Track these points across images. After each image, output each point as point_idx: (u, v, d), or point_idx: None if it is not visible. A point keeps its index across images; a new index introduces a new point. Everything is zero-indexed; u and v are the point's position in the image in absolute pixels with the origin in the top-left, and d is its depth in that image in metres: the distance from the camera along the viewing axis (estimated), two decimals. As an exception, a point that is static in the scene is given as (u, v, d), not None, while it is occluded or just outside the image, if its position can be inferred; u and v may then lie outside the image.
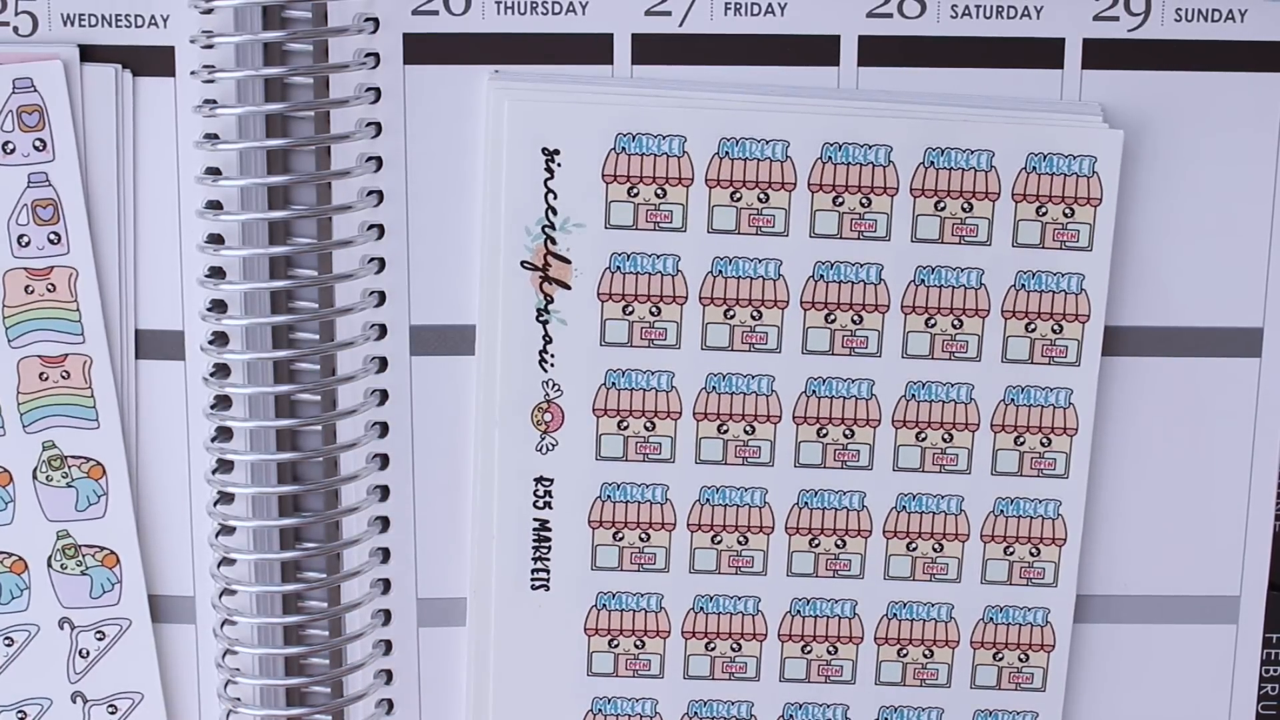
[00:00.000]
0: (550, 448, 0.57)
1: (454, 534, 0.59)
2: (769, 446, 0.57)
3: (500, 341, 0.57)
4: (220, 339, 0.57)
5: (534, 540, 0.58)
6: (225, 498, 0.58)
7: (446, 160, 0.56)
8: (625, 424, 0.57)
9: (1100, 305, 0.56)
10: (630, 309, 0.56)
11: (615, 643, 0.59)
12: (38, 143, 0.56)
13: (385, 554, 0.59)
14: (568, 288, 0.56)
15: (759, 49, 0.56)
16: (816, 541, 0.58)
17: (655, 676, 0.59)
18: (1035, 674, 0.59)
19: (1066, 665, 0.59)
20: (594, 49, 0.56)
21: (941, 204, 0.56)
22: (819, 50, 0.56)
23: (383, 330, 0.57)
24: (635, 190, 0.56)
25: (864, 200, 0.56)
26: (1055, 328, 0.56)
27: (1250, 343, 0.57)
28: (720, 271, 0.56)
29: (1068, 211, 0.56)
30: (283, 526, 0.57)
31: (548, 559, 0.58)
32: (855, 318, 0.57)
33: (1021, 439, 0.57)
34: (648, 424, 0.57)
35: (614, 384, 0.57)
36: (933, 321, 0.57)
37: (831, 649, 0.59)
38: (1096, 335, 0.57)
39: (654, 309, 0.56)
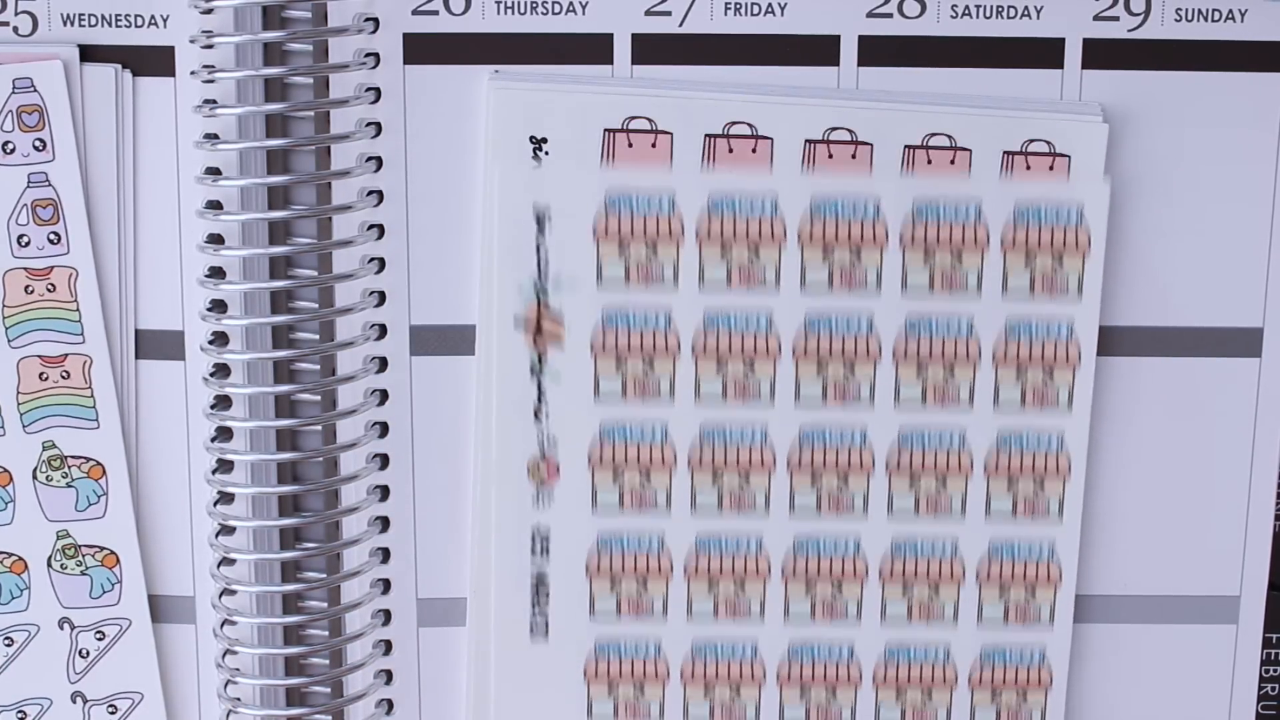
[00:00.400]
0: (547, 500, 0.58)
1: (454, 534, 0.59)
2: (763, 497, 0.58)
3: (495, 397, 0.57)
4: (220, 339, 0.57)
5: (532, 591, 0.58)
6: (225, 498, 0.58)
7: (446, 160, 0.56)
8: (621, 476, 0.58)
9: (1090, 352, 0.57)
10: (623, 364, 0.57)
11: (614, 690, 0.59)
12: (38, 143, 0.56)
13: (385, 554, 0.59)
14: (561, 344, 0.57)
15: (759, 49, 0.56)
16: (812, 591, 0.58)
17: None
18: (1034, 714, 0.59)
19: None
20: (594, 49, 0.56)
21: (931, 255, 0.56)
22: (819, 50, 0.56)
23: (383, 330, 0.57)
24: (626, 248, 0.56)
25: (853, 253, 0.56)
26: (1046, 375, 0.57)
27: (1250, 343, 0.57)
28: (712, 325, 0.56)
29: (1056, 263, 0.56)
30: (283, 526, 0.57)
31: (546, 609, 0.58)
32: (847, 368, 0.57)
33: (1014, 484, 0.58)
34: (643, 475, 0.58)
35: (609, 437, 0.57)
36: (924, 372, 0.57)
37: (829, 693, 0.59)
38: (1087, 382, 0.57)
39: (647, 363, 0.57)
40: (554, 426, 0.57)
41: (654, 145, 0.56)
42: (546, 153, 0.56)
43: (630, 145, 0.56)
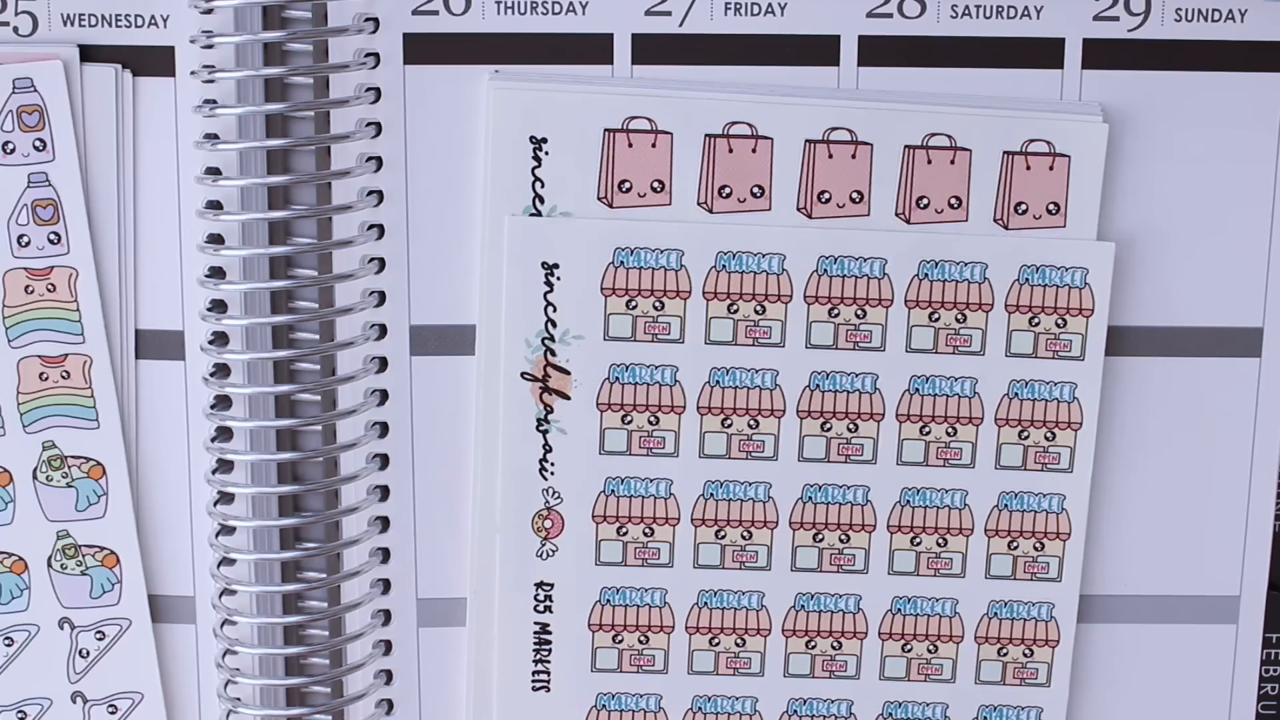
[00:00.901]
0: (550, 553, 0.58)
1: (454, 534, 0.59)
2: (766, 552, 0.58)
3: (500, 450, 0.57)
4: (220, 339, 0.57)
5: (535, 643, 0.58)
6: (225, 498, 0.58)
7: (446, 160, 0.56)
8: (625, 530, 0.58)
9: (1093, 412, 0.57)
10: (629, 418, 0.57)
11: None
12: (38, 143, 0.56)
13: (385, 554, 0.59)
14: (567, 398, 0.57)
15: (759, 49, 0.56)
16: (812, 643, 0.59)
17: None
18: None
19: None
20: (594, 49, 0.56)
21: (936, 315, 0.56)
22: (819, 50, 0.56)
23: (383, 330, 0.57)
24: (634, 303, 0.56)
25: (859, 312, 0.56)
26: (1060, 321, 0.57)
27: (1250, 343, 0.57)
28: (718, 382, 0.57)
29: (1060, 322, 0.56)
30: (283, 526, 0.57)
31: (548, 661, 0.59)
32: (851, 425, 0.57)
33: (1015, 544, 0.58)
34: (647, 530, 0.58)
35: (613, 491, 0.58)
36: (927, 429, 0.57)
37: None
38: (1089, 442, 0.57)
39: (652, 418, 0.57)
40: (559, 481, 0.58)
41: (654, 145, 0.56)
42: (546, 153, 0.56)
43: (630, 145, 0.56)
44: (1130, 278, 0.57)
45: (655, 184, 0.56)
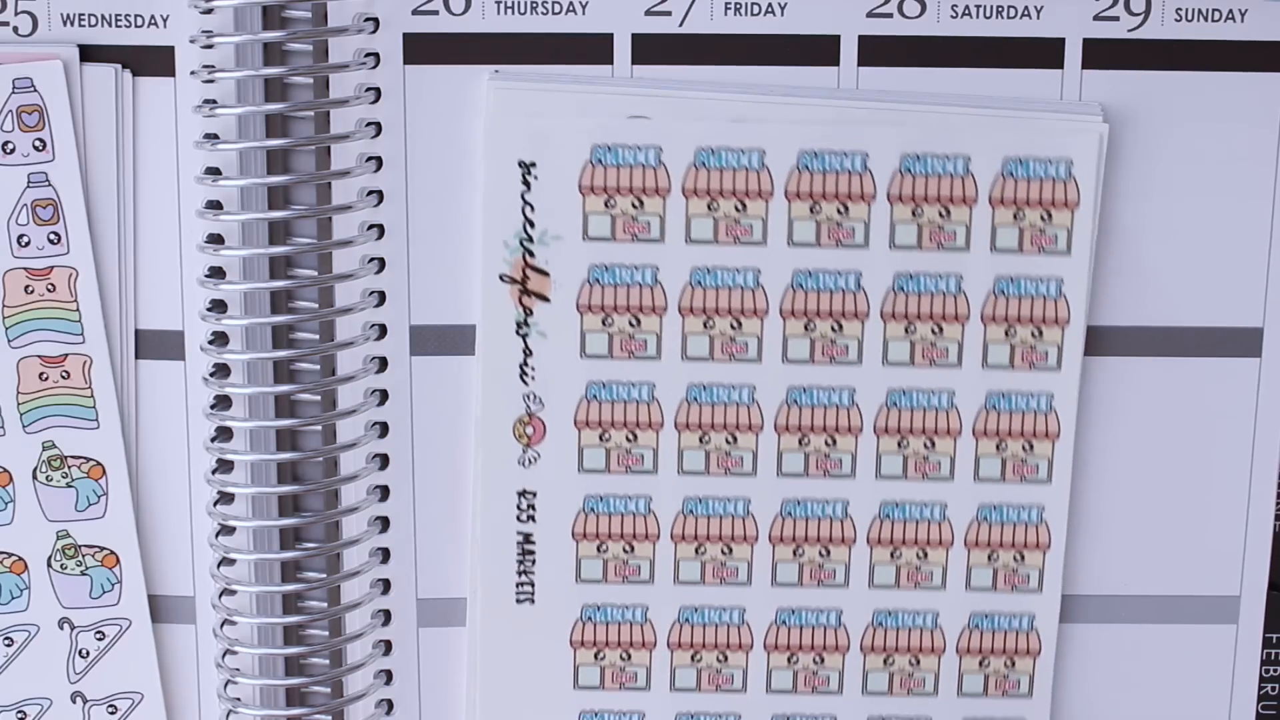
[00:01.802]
0: (532, 461, 0.58)
1: (454, 534, 0.59)
2: (751, 457, 0.58)
3: (482, 355, 0.57)
4: (220, 339, 0.57)
5: (518, 554, 0.58)
6: (225, 498, 0.58)
7: (446, 160, 0.56)
8: (607, 436, 0.57)
9: (1080, 309, 0.56)
10: (610, 321, 0.57)
11: (601, 655, 0.59)
12: (38, 143, 0.56)
13: (385, 554, 0.59)
14: (547, 301, 0.56)
15: (759, 49, 0.56)
16: (800, 551, 0.58)
17: (642, 689, 0.59)
18: (1022, 680, 0.59)
19: (1052, 671, 0.59)
20: (594, 49, 0.56)
21: (919, 210, 0.56)
22: (819, 50, 0.56)
23: (383, 330, 0.57)
24: (612, 202, 0.56)
25: (841, 208, 0.56)
26: (1035, 332, 0.56)
27: (1250, 343, 0.57)
28: (699, 282, 0.56)
29: (1045, 215, 0.56)
30: (283, 526, 0.57)
31: (532, 572, 0.58)
32: (835, 326, 0.57)
33: (1004, 444, 0.57)
34: (630, 436, 0.57)
35: (595, 396, 0.57)
36: (912, 328, 0.57)
37: (818, 659, 0.59)
38: (1078, 339, 0.57)
39: (633, 320, 0.57)
40: (540, 387, 0.57)
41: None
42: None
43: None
44: (1130, 277, 0.57)
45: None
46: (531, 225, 0.56)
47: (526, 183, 0.55)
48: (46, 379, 0.57)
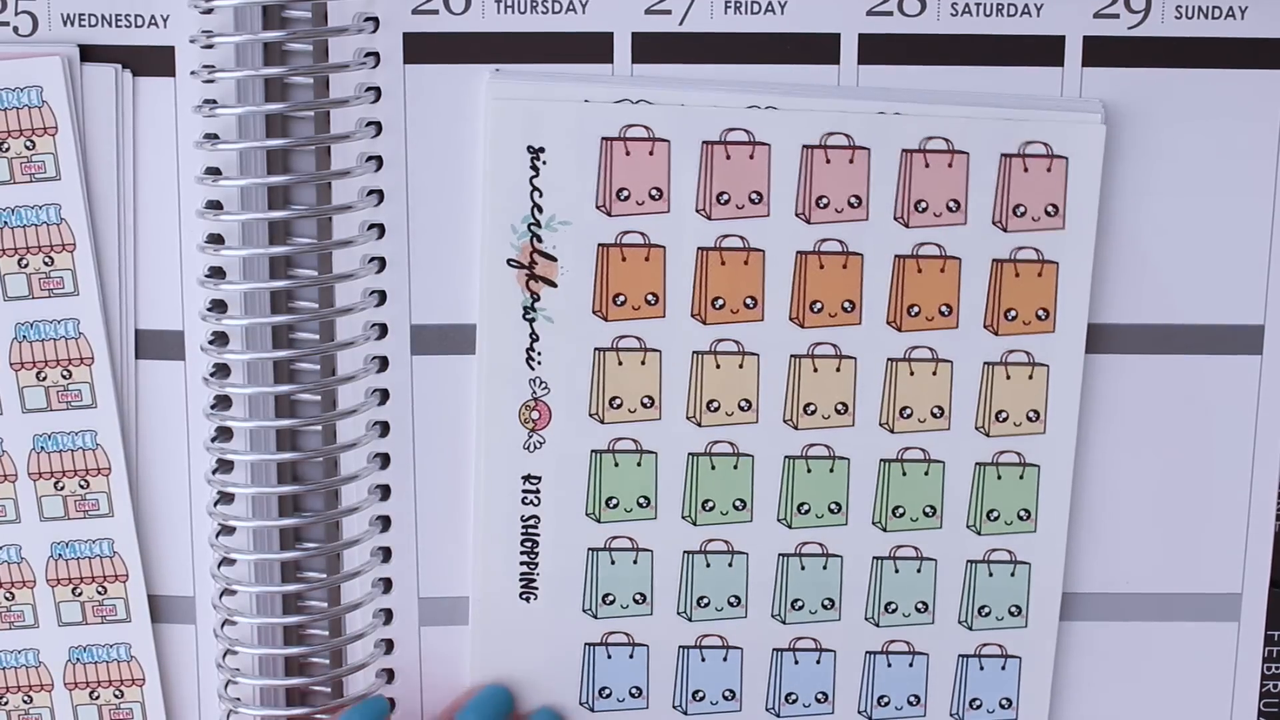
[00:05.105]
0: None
1: (455, 533, 0.58)
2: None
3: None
4: (220, 339, 0.57)
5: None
6: (225, 498, 0.58)
7: (446, 160, 0.56)
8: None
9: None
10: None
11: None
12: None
13: (386, 553, 0.59)
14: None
15: (759, 47, 0.56)
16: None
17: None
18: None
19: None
20: (594, 48, 0.56)
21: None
22: (819, 48, 0.56)
23: (383, 330, 0.57)
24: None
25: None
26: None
27: (1251, 340, 0.57)
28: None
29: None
30: (283, 526, 0.57)
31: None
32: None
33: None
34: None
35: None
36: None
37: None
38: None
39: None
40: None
41: (651, 153, 0.56)
42: (545, 162, 0.55)
43: (628, 154, 0.56)
44: (1131, 274, 0.57)
45: (653, 191, 0.56)
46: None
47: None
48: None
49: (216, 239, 0.56)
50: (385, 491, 0.58)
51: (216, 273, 0.57)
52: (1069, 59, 0.56)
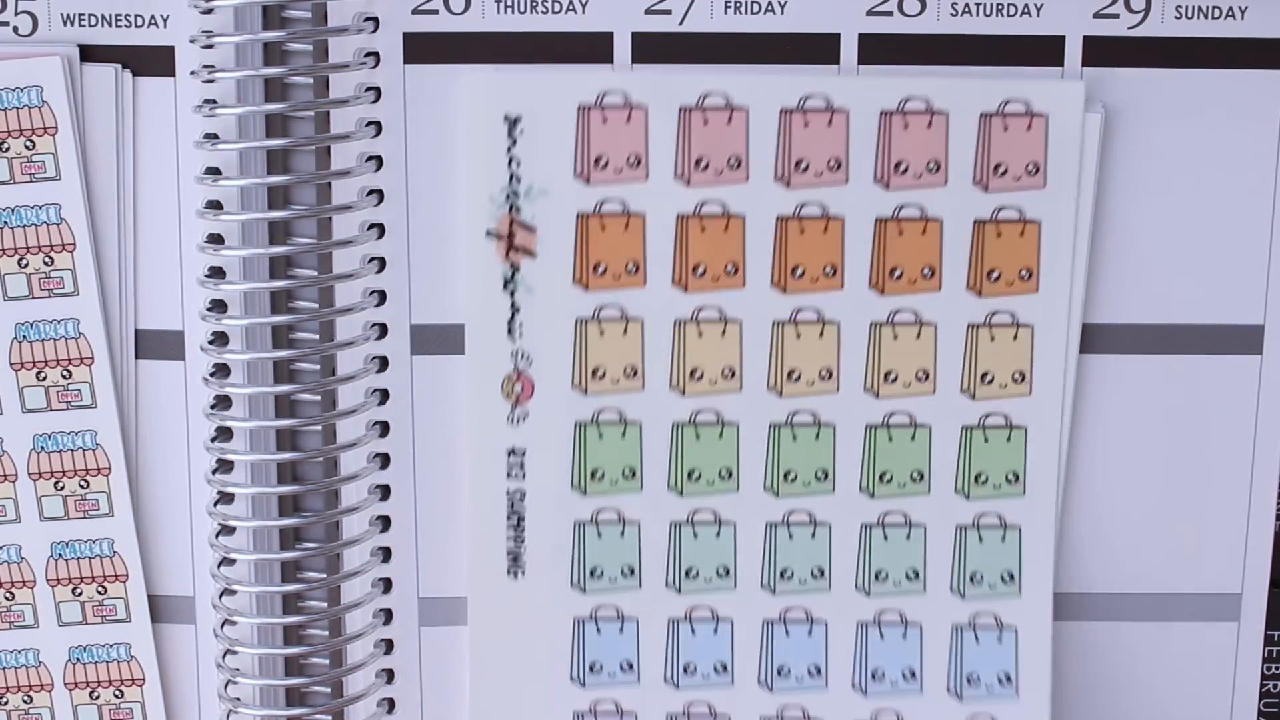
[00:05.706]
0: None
1: (455, 533, 0.58)
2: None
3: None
4: (220, 339, 0.57)
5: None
6: (225, 498, 0.58)
7: (447, 160, 0.56)
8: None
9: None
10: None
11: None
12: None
13: (386, 553, 0.59)
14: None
15: (759, 47, 0.56)
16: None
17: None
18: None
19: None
20: (594, 47, 0.56)
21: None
22: (819, 48, 0.56)
23: (383, 330, 0.57)
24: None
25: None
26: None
27: (1251, 340, 0.58)
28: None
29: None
30: (283, 526, 0.57)
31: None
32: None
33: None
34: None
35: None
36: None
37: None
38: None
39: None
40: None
41: (628, 120, 0.56)
42: (522, 130, 0.55)
43: (605, 121, 0.56)
44: (1131, 274, 0.57)
45: (632, 159, 0.56)
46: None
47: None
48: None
49: (216, 239, 0.56)
50: (385, 491, 0.58)
51: (216, 273, 0.57)
52: (1069, 59, 0.56)
